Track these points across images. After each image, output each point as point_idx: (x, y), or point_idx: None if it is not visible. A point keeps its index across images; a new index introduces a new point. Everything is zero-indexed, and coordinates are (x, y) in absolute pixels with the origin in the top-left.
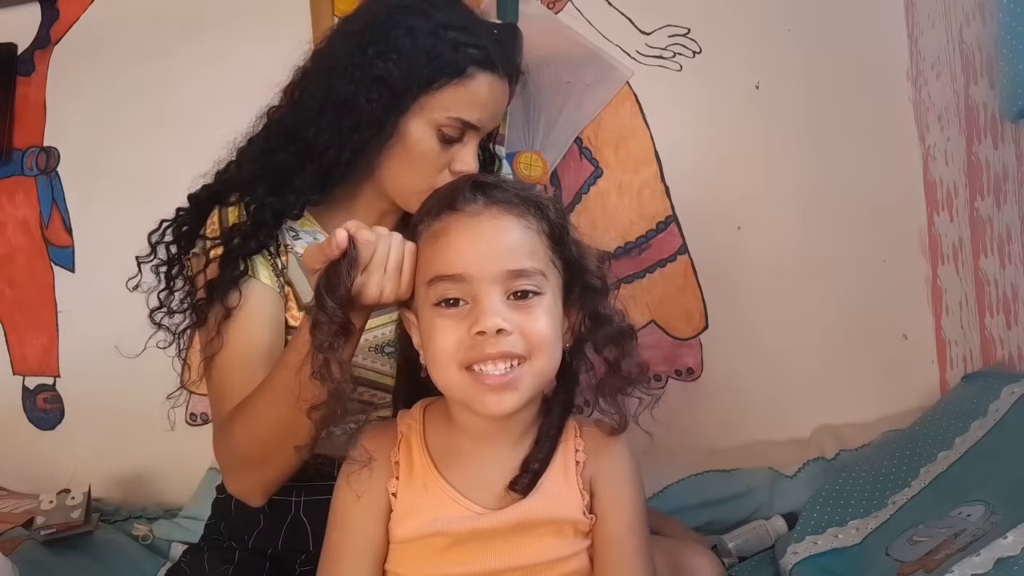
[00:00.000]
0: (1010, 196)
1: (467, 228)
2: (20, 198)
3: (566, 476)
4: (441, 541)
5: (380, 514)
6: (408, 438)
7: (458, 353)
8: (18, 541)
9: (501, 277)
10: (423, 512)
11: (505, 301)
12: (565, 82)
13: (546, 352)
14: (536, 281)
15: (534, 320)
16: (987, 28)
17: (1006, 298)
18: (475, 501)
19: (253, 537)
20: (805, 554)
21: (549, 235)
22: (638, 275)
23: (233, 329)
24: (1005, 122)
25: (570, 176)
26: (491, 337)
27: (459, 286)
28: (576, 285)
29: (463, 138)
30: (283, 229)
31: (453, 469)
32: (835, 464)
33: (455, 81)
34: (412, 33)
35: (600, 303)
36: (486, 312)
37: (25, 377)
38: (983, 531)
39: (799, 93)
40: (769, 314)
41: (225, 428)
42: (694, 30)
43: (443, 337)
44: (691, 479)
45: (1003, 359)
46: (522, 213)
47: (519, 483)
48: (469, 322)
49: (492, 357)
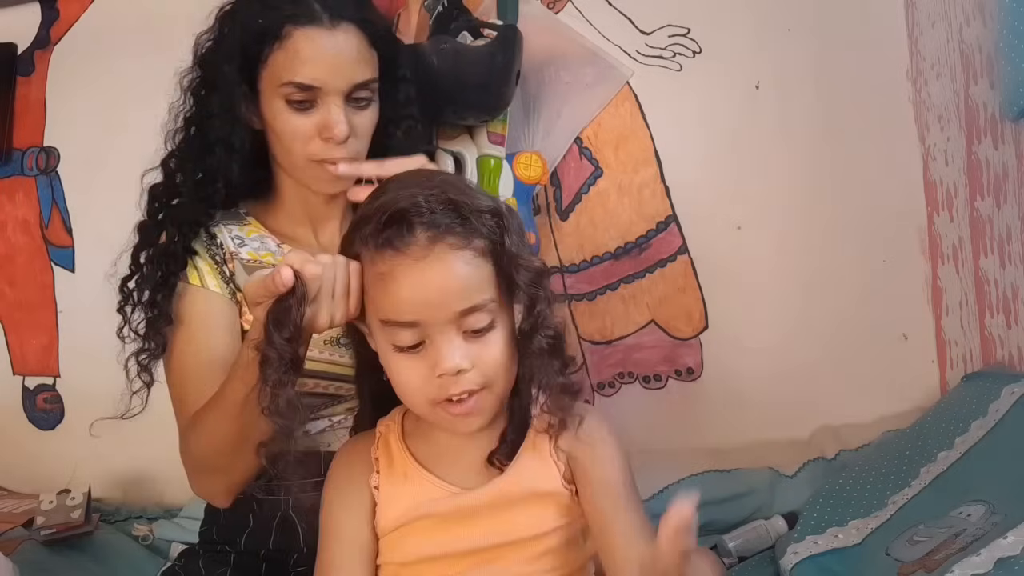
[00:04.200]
0: (1010, 196)
1: (413, 274)
2: (20, 198)
3: (539, 449)
4: (425, 524)
5: (366, 513)
6: (386, 436)
7: (426, 393)
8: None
9: (454, 318)
10: (405, 498)
11: (461, 335)
12: (565, 82)
13: (503, 377)
14: (490, 310)
15: (489, 351)
16: (987, 28)
17: (1006, 298)
18: (454, 483)
19: (244, 539)
20: (805, 554)
21: (489, 253)
22: (638, 275)
23: (185, 339)
24: (1005, 122)
25: (570, 176)
26: (452, 376)
27: (414, 331)
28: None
29: (316, 101)
30: (228, 237)
31: (431, 457)
32: (835, 464)
33: (275, 46)
34: (233, 17)
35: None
36: (444, 356)
37: (25, 377)
38: (983, 531)
39: (799, 93)
40: (769, 314)
41: (185, 436)
42: (694, 30)
43: (407, 376)
44: (691, 479)
45: (1003, 359)
46: (465, 243)
47: (498, 454)
48: (429, 362)
49: (456, 395)
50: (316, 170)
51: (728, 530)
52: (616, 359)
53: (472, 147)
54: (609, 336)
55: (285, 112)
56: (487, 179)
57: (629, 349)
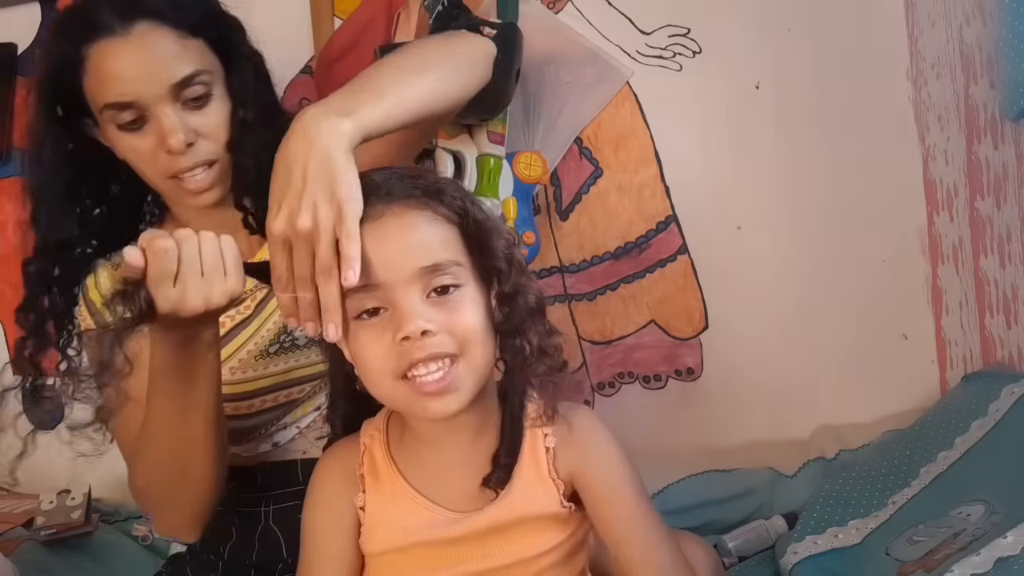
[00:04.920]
0: (1010, 196)
1: (370, 233)
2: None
3: (537, 469)
4: (415, 552)
5: (350, 530)
6: (371, 449)
7: (388, 363)
8: (18, 541)
9: (416, 276)
10: (393, 522)
11: (425, 300)
12: (565, 82)
13: (478, 345)
14: (454, 272)
15: (459, 315)
16: (987, 28)
17: (1006, 298)
18: (445, 506)
19: (228, 549)
20: (805, 554)
21: (452, 219)
22: (638, 275)
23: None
24: (1005, 122)
25: (570, 176)
26: (417, 340)
27: (374, 295)
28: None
29: (145, 116)
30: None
31: (419, 475)
32: (835, 464)
33: (80, 72)
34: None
35: (505, 282)
36: (406, 316)
37: None
38: (983, 531)
39: (799, 93)
40: (769, 314)
41: (129, 473)
42: (694, 30)
43: (370, 349)
44: (691, 479)
45: (1003, 359)
46: (425, 204)
47: (492, 479)
48: (392, 329)
49: (422, 360)
50: (175, 187)
51: (728, 530)
52: (616, 359)
53: (472, 146)
54: (609, 336)
55: (120, 136)
56: (487, 178)
57: (629, 349)
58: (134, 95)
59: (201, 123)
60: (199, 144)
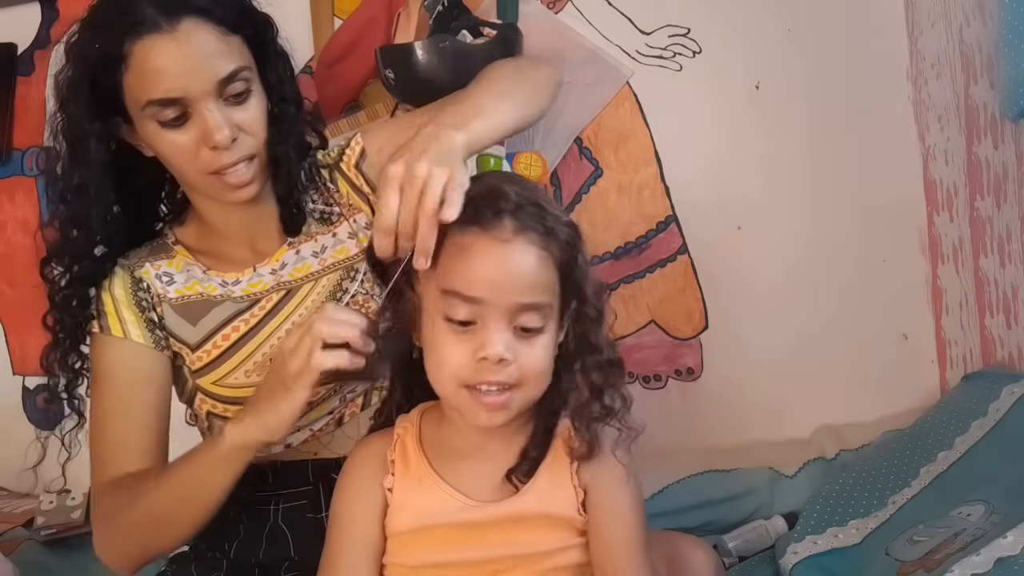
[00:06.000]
0: (1010, 196)
1: (493, 254)
2: (20, 198)
3: (560, 472)
4: (436, 532)
5: (376, 510)
6: (404, 439)
7: (461, 371)
8: (18, 541)
9: (514, 309)
10: (417, 505)
11: (511, 330)
12: (565, 82)
13: (539, 383)
14: (544, 315)
15: (533, 354)
16: (987, 28)
17: (1006, 298)
18: (468, 495)
19: (234, 547)
20: (805, 554)
21: (560, 263)
22: (638, 275)
23: (106, 395)
24: (1005, 122)
25: (570, 176)
26: (493, 364)
27: (472, 308)
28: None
29: (188, 112)
30: (155, 278)
31: (447, 465)
32: (835, 464)
33: (122, 69)
34: (74, 50)
35: (593, 332)
36: (493, 341)
37: (25, 377)
38: (983, 531)
39: (799, 93)
40: (769, 314)
41: (100, 499)
42: (694, 30)
43: (448, 353)
44: (691, 479)
45: (1003, 359)
46: (544, 244)
47: (518, 470)
48: (475, 344)
49: (490, 383)
50: (216, 183)
51: (728, 530)
52: None
53: None
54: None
55: (161, 133)
56: None
57: (629, 349)
58: (181, 91)
59: (243, 118)
60: (241, 139)
